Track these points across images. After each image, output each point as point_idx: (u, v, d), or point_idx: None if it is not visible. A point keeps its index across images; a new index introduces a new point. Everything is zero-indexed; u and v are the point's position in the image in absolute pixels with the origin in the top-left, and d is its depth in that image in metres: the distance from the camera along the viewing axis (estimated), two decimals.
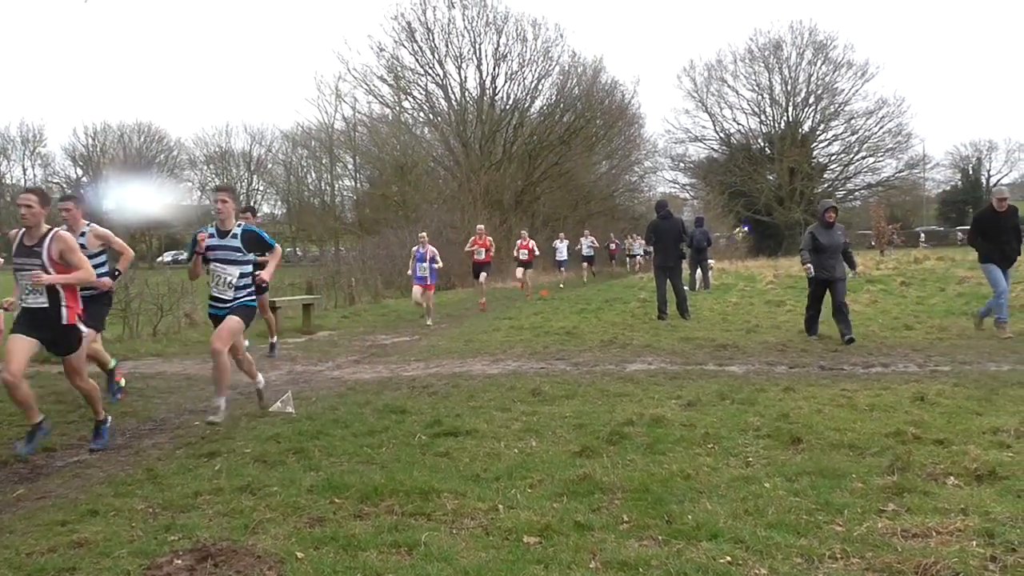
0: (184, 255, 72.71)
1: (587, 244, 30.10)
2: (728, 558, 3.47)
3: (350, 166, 53.57)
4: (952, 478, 4.45)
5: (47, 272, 5.69)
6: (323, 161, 57.09)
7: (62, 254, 5.76)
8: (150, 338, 12.93)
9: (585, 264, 30.15)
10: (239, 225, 6.76)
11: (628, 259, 38.19)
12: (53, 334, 5.87)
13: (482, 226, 19.46)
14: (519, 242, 21.34)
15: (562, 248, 28.11)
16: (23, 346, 5.74)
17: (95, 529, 4.06)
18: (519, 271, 21.17)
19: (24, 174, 76.83)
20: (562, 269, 28.18)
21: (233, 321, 6.64)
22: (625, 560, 3.47)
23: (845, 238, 11.04)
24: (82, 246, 6.49)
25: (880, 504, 4.08)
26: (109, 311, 7.81)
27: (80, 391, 6.26)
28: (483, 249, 18.37)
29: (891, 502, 4.10)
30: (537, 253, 21.31)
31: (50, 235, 5.77)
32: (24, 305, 5.81)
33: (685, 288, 14.59)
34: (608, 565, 3.46)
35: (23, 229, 5.81)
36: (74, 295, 5.94)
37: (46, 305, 5.76)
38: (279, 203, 75.55)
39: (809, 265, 10.81)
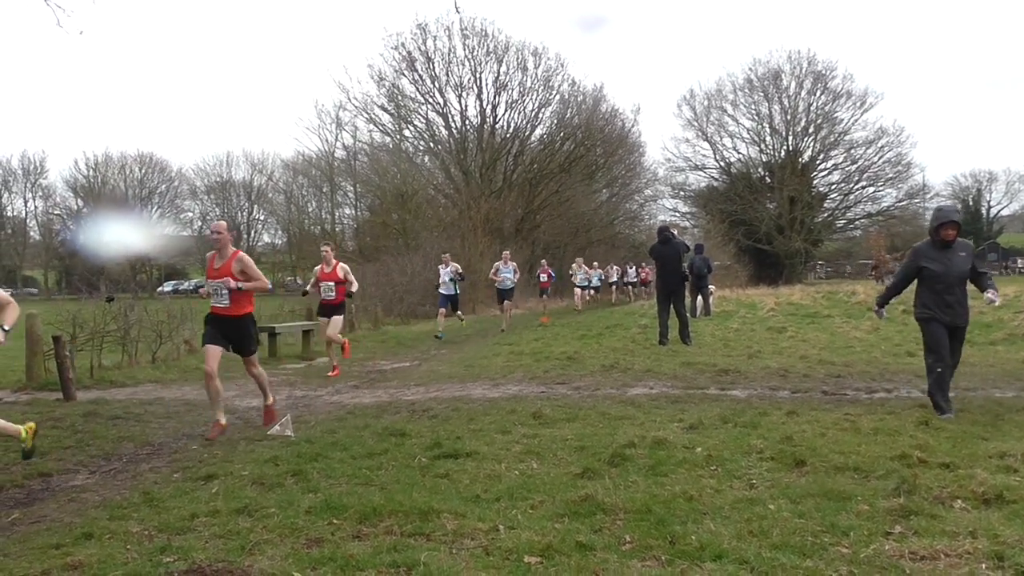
0: (185, 285, 72.97)
1: (506, 272, 19.53)
2: None
3: (351, 194, 53.88)
4: (959, 501, 4.38)
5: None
6: (324, 189, 57.45)
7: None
8: (149, 365, 12.86)
9: (505, 303, 19.93)
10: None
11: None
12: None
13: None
14: (318, 269, 11.94)
15: (443, 276, 17.84)
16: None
17: (89, 552, 3.99)
18: (323, 322, 11.98)
19: (25, 205, 77.10)
20: (442, 309, 18.21)
21: None
22: None
23: (973, 261, 7.39)
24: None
25: (887, 526, 4.01)
26: None
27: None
28: (331, 284, 11.34)
29: (898, 524, 4.04)
30: (354, 289, 11.67)
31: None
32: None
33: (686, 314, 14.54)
34: None
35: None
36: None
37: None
38: (279, 232, 75.81)
39: (880, 312, 8.07)
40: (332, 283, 11.47)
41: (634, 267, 37.29)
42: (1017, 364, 10.43)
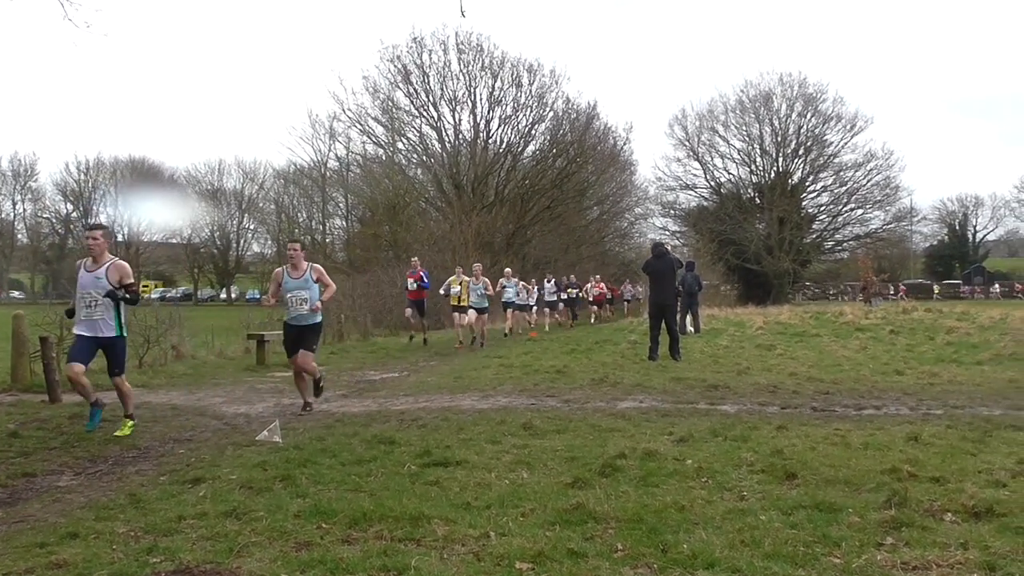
0: (172, 292, 72.49)
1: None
2: None
3: (342, 205, 53.83)
4: (950, 514, 4.39)
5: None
6: (315, 200, 57.36)
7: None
8: (135, 369, 12.76)
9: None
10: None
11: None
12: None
13: None
14: None
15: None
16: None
17: (74, 551, 3.95)
18: None
19: (14, 208, 76.56)
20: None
21: None
22: None
23: None
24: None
25: (878, 537, 4.02)
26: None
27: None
28: None
29: (889, 536, 4.04)
30: None
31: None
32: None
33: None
34: None
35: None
36: None
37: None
38: (269, 242, 75.47)
39: None
40: None
41: (552, 279, 27.39)
42: (1003, 383, 10.49)
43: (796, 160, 59.42)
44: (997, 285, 70.09)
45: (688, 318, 19.86)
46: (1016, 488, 4.91)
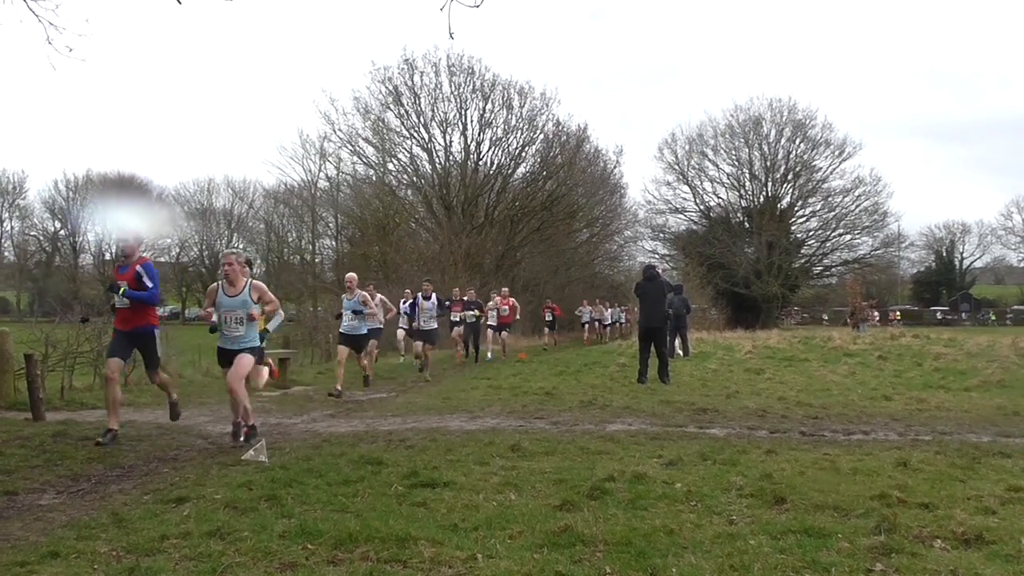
0: (160, 311, 71.96)
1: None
2: None
3: (331, 225, 53.71)
4: (939, 541, 4.38)
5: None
6: (305, 219, 57.24)
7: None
8: (121, 387, 12.63)
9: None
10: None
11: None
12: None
13: None
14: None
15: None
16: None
17: (55, 571, 3.90)
18: None
19: (1, 225, 76.00)
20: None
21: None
22: None
23: None
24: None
25: (868, 564, 3.99)
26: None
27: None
28: None
29: (879, 562, 4.02)
30: None
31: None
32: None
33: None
34: None
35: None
36: None
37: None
38: (258, 261, 75.15)
39: None
40: None
41: (432, 294, 16.63)
42: (991, 410, 10.51)
43: (785, 185, 59.68)
44: (963, 313, 71.13)
45: (677, 341, 19.88)
46: (1005, 515, 4.91)
